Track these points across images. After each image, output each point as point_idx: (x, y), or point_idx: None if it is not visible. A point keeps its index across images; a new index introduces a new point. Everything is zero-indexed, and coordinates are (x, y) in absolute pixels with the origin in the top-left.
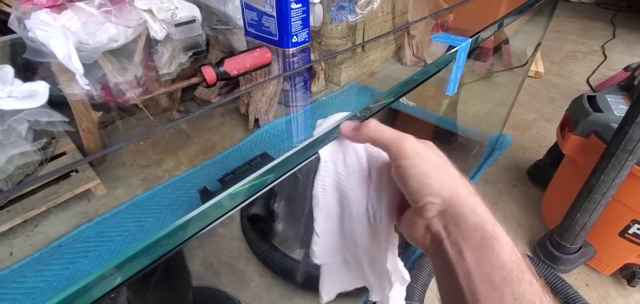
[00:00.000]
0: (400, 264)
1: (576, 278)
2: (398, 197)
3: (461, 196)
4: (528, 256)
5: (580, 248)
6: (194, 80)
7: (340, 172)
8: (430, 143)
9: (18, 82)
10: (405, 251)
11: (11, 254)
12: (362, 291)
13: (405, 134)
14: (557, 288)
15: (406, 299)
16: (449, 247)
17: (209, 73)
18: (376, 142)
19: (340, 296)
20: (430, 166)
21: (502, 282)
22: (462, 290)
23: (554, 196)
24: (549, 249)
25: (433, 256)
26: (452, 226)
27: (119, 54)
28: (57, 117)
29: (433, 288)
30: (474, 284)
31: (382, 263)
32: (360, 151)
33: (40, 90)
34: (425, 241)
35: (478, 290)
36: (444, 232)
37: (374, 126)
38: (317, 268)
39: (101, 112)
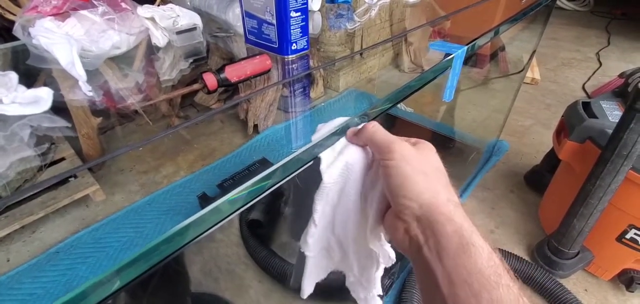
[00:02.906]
0: (387, 245)
1: (575, 283)
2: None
3: (440, 203)
4: (526, 260)
5: (578, 253)
6: (196, 86)
7: (347, 161)
8: (428, 146)
9: (22, 88)
10: (403, 259)
11: (8, 261)
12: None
13: (397, 138)
14: (555, 293)
15: (405, 303)
16: (428, 252)
17: (210, 80)
18: (371, 144)
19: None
20: (413, 171)
21: (480, 287)
22: (443, 295)
23: (551, 201)
24: (547, 254)
25: (413, 260)
26: (429, 232)
27: (121, 60)
28: (61, 122)
29: None
30: (453, 290)
31: (367, 245)
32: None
33: (44, 96)
34: (404, 243)
35: (457, 296)
36: (422, 237)
37: (372, 128)
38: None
39: (101, 118)
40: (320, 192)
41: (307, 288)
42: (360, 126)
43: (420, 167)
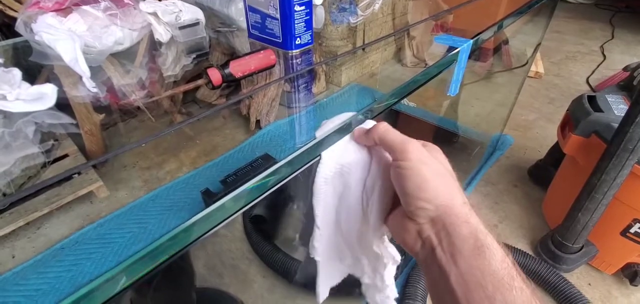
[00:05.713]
0: (391, 246)
1: (578, 278)
2: (392, 193)
3: (455, 205)
4: (530, 255)
5: (582, 247)
6: (200, 82)
7: (343, 163)
8: (437, 149)
9: (26, 84)
10: (406, 253)
11: (13, 257)
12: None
13: (411, 139)
14: (559, 288)
15: (408, 299)
16: (442, 254)
17: (215, 75)
18: (383, 144)
19: (342, 295)
20: (429, 173)
21: (493, 289)
22: (456, 296)
23: (555, 196)
24: (551, 249)
25: (423, 262)
26: (444, 234)
27: (124, 56)
28: (65, 119)
29: None
30: (467, 292)
31: (371, 247)
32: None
33: (48, 92)
34: (415, 245)
35: (472, 298)
36: (436, 239)
37: (383, 128)
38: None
39: (103, 115)
40: (315, 194)
41: (322, 292)
42: (368, 125)
43: (437, 170)
